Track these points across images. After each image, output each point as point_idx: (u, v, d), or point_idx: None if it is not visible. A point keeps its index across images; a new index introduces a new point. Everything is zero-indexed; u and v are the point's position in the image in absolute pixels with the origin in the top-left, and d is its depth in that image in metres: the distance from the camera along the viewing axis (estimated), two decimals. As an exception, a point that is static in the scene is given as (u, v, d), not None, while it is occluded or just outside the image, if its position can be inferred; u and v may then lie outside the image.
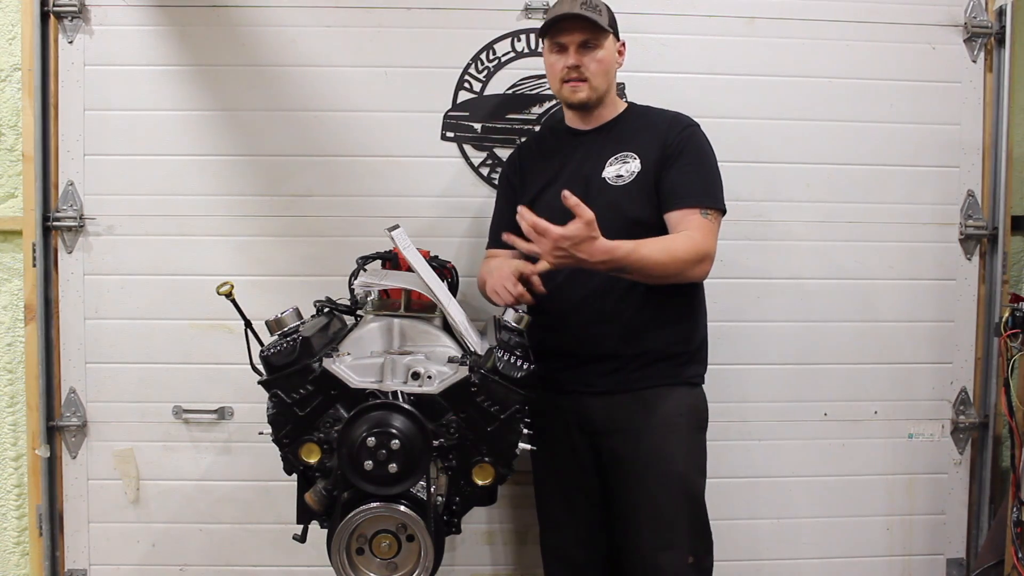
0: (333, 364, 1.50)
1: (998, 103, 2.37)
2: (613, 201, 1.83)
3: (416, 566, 1.49)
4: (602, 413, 1.87)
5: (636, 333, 1.85)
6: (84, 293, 2.32)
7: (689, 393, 1.89)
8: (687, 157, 1.82)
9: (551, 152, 2.00)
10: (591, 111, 1.93)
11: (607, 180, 1.86)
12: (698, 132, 1.88)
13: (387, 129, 2.33)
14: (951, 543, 2.48)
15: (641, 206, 1.83)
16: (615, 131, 1.93)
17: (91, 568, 2.37)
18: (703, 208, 1.79)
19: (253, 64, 2.31)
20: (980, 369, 2.44)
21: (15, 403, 2.40)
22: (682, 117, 1.92)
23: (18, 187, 2.34)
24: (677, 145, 1.83)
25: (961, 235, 2.41)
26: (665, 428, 1.83)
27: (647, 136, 1.87)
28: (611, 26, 1.88)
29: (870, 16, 2.36)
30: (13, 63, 2.33)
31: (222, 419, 2.35)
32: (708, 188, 1.82)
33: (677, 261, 1.71)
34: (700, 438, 1.91)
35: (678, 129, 1.86)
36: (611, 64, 1.90)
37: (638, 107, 1.98)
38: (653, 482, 1.82)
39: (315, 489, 1.54)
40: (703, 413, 1.92)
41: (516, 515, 2.43)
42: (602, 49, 1.86)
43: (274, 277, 2.33)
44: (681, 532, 1.82)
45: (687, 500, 1.83)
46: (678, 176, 1.81)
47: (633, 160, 1.86)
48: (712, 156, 1.87)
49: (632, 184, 1.84)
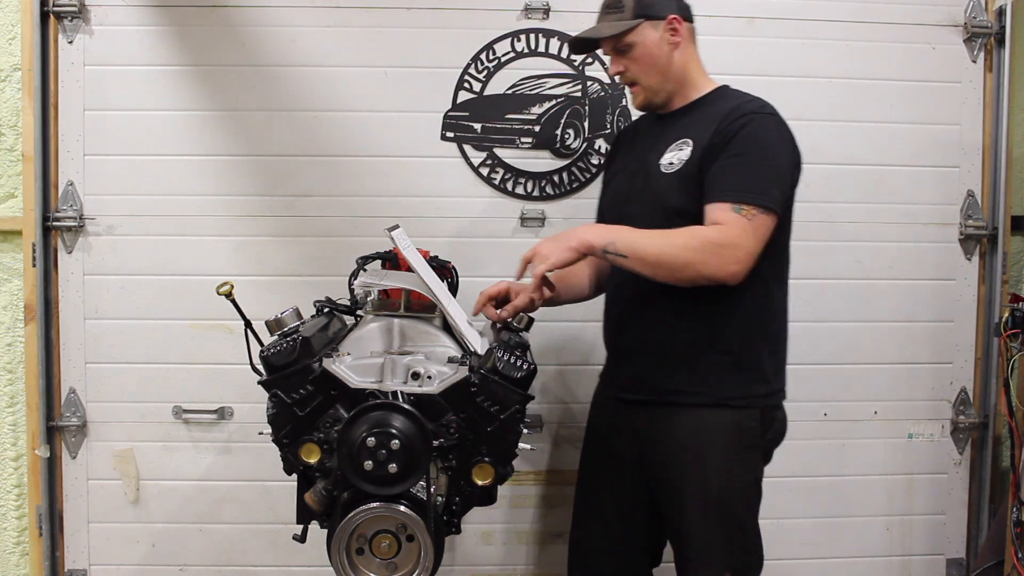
0: (333, 364, 1.50)
1: (998, 103, 2.37)
2: (658, 189, 1.73)
3: (416, 566, 1.49)
4: (645, 421, 1.78)
5: (664, 343, 1.75)
6: (84, 293, 2.32)
7: (732, 412, 1.72)
8: (735, 147, 1.63)
9: (641, 134, 1.89)
10: (667, 103, 1.80)
11: (661, 167, 1.74)
12: (758, 121, 1.66)
13: (387, 129, 2.33)
14: (951, 543, 2.48)
15: (682, 196, 1.69)
16: (688, 115, 1.77)
17: (91, 568, 2.37)
18: (736, 202, 1.60)
19: (253, 64, 2.31)
20: (980, 369, 2.44)
21: (15, 403, 2.40)
22: (750, 104, 1.71)
23: (18, 187, 2.34)
24: (728, 133, 1.65)
25: (961, 235, 2.41)
26: (700, 446, 1.72)
27: (707, 122, 1.70)
28: (641, 13, 1.72)
29: (870, 16, 2.36)
30: (13, 63, 2.33)
31: (222, 419, 2.35)
32: (749, 181, 1.62)
33: (675, 247, 1.59)
34: (745, 458, 1.75)
35: (735, 116, 1.66)
36: (656, 55, 1.73)
37: (724, 91, 1.80)
38: (683, 499, 1.73)
39: (315, 489, 1.54)
40: (752, 432, 1.74)
41: (516, 515, 2.43)
42: (636, 47, 1.73)
43: (274, 277, 2.33)
44: (717, 549, 1.73)
45: (723, 517, 1.73)
46: (718, 167, 1.64)
47: (687, 148, 1.71)
48: (769, 148, 1.67)
49: (677, 172, 1.71)
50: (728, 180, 1.62)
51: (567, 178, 2.37)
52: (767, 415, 1.76)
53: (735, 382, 1.72)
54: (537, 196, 2.37)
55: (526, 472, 2.40)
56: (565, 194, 2.37)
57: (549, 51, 2.34)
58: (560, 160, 2.36)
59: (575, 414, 2.41)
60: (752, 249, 1.60)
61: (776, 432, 1.80)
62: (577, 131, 2.36)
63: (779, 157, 1.67)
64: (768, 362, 1.76)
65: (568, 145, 2.36)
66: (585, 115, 2.36)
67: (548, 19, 2.33)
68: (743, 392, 1.72)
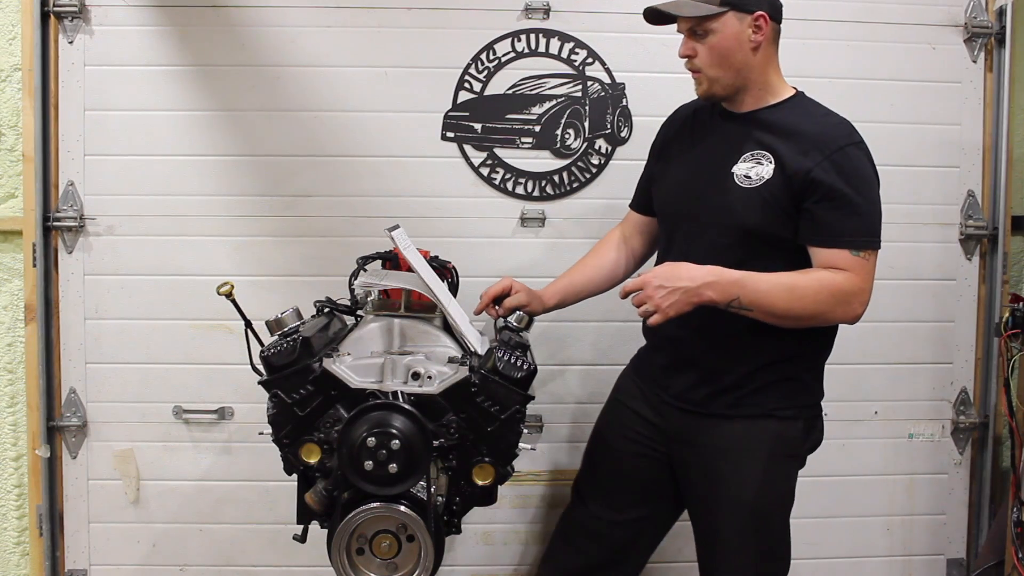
0: (333, 364, 1.51)
1: (998, 103, 2.37)
2: (730, 202, 1.65)
3: (416, 566, 1.49)
4: (680, 422, 1.76)
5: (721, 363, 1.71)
6: (84, 293, 2.32)
7: (777, 423, 1.70)
8: (841, 187, 1.57)
9: (700, 128, 1.80)
10: (733, 99, 1.70)
11: (735, 177, 1.65)
12: (853, 154, 1.61)
13: (387, 129, 2.33)
14: (951, 543, 2.48)
15: (759, 216, 1.62)
16: (763, 122, 1.67)
17: (91, 568, 2.37)
18: (855, 249, 1.58)
19: (253, 64, 2.30)
20: (980, 369, 2.44)
21: (15, 403, 2.40)
22: (839, 131, 1.63)
23: (18, 187, 2.34)
24: (828, 170, 1.58)
25: (961, 235, 2.41)
26: (740, 453, 1.70)
27: (793, 142, 1.62)
28: (730, 0, 1.60)
29: (870, 16, 2.36)
30: (13, 63, 2.33)
31: (222, 419, 2.35)
32: (863, 225, 1.59)
33: (804, 300, 1.56)
34: (784, 465, 1.74)
35: (830, 150, 1.59)
36: (732, 49, 1.62)
37: (802, 101, 1.72)
38: (717, 505, 1.72)
39: (315, 489, 1.54)
40: (793, 442, 1.72)
41: (516, 515, 2.43)
42: (714, 34, 1.62)
43: (274, 277, 2.33)
44: (748, 556, 1.71)
45: (757, 525, 1.71)
46: (829, 211, 1.58)
47: (768, 164, 1.63)
48: (871, 183, 1.63)
49: (757, 190, 1.62)
50: (845, 226, 1.58)
51: (567, 178, 2.37)
52: (809, 424, 1.74)
53: (782, 394, 1.70)
54: (537, 196, 2.37)
55: (526, 472, 2.39)
56: (565, 194, 2.37)
57: (549, 51, 2.34)
58: (560, 160, 2.36)
59: (575, 414, 2.41)
60: (871, 289, 1.61)
61: (815, 440, 1.78)
62: (577, 131, 2.36)
63: (877, 192, 1.65)
64: (814, 373, 1.76)
65: (568, 145, 2.36)
66: (585, 115, 2.36)
67: (548, 19, 2.33)
68: (790, 403, 1.71)
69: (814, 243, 1.61)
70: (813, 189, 1.59)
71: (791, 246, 1.64)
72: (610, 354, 2.36)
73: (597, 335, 2.39)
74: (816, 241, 1.61)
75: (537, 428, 2.39)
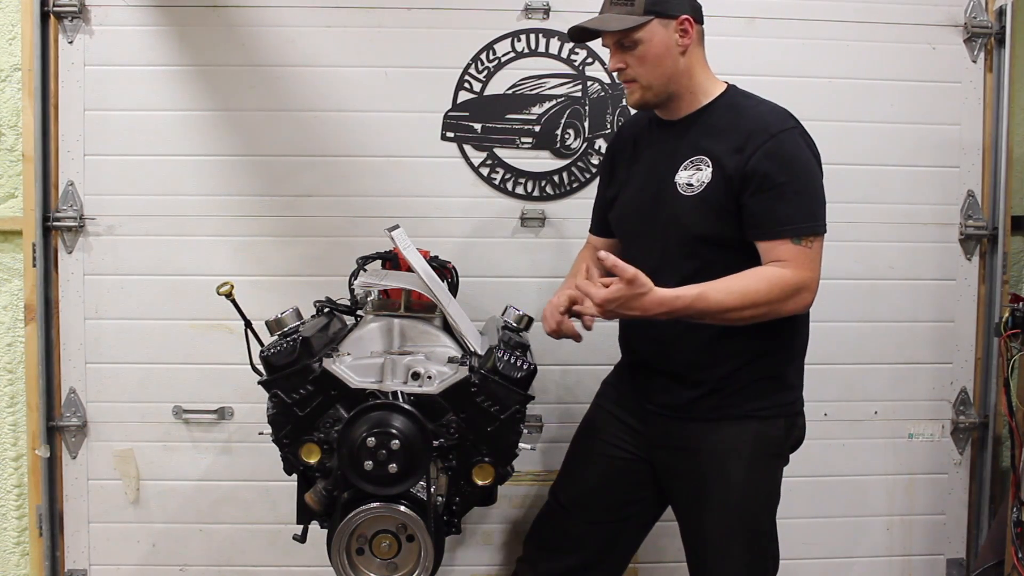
0: (333, 364, 1.51)
1: (998, 103, 2.37)
2: (678, 213, 1.66)
3: (416, 566, 1.50)
4: (662, 428, 1.76)
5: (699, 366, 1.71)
6: (84, 293, 2.32)
7: (758, 423, 1.71)
8: (774, 176, 1.57)
9: (642, 142, 1.81)
10: (666, 105, 1.71)
11: (678, 186, 1.66)
12: (787, 141, 1.60)
13: (387, 129, 2.33)
14: (951, 543, 2.48)
15: (707, 222, 1.63)
16: (698, 126, 1.68)
17: (91, 568, 2.37)
18: (795, 237, 1.57)
19: (253, 64, 2.31)
20: (980, 369, 2.44)
21: (15, 403, 2.40)
22: (771, 121, 1.63)
23: (18, 187, 2.34)
24: (760, 160, 1.58)
25: (961, 235, 2.41)
26: (724, 455, 1.70)
27: (728, 140, 1.62)
28: (653, 9, 1.62)
29: (870, 16, 2.36)
30: (13, 63, 2.33)
31: (222, 419, 2.35)
32: (800, 211, 1.58)
33: (757, 303, 1.55)
34: (768, 465, 1.75)
35: (761, 139, 1.59)
36: (661, 55, 1.63)
37: (733, 95, 1.71)
38: (704, 508, 1.72)
39: (315, 489, 1.54)
40: (776, 441, 1.73)
41: (516, 515, 2.43)
42: (642, 44, 1.63)
43: (274, 277, 2.33)
44: (736, 556, 1.72)
45: (744, 525, 1.72)
46: (765, 201, 1.58)
47: (707, 168, 1.63)
48: (807, 167, 1.62)
49: (699, 196, 1.63)
50: (781, 214, 1.58)
51: (567, 178, 2.37)
52: (790, 422, 1.75)
53: (762, 393, 1.71)
54: (537, 196, 2.37)
55: (526, 472, 2.39)
56: (565, 194, 2.37)
57: (549, 51, 2.34)
58: (560, 160, 2.36)
59: (575, 414, 2.40)
60: (819, 276, 1.61)
61: (797, 438, 1.79)
62: (577, 131, 2.36)
63: (815, 175, 1.64)
64: (792, 370, 1.76)
65: (568, 145, 2.36)
66: (585, 115, 2.36)
67: (548, 19, 2.33)
68: (770, 403, 1.72)
69: (756, 237, 1.61)
70: (749, 182, 1.59)
71: (747, 245, 1.64)
72: (610, 354, 2.35)
73: (596, 335, 2.37)
74: (756, 235, 1.61)
75: (537, 428, 2.39)
